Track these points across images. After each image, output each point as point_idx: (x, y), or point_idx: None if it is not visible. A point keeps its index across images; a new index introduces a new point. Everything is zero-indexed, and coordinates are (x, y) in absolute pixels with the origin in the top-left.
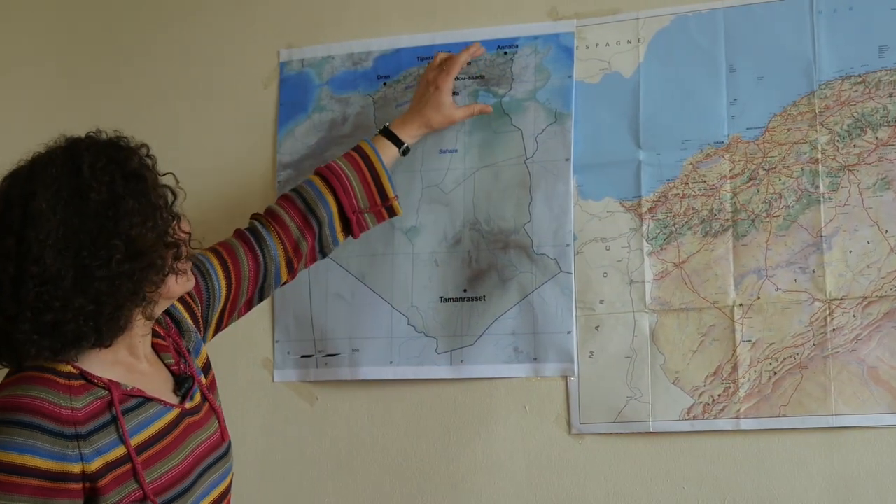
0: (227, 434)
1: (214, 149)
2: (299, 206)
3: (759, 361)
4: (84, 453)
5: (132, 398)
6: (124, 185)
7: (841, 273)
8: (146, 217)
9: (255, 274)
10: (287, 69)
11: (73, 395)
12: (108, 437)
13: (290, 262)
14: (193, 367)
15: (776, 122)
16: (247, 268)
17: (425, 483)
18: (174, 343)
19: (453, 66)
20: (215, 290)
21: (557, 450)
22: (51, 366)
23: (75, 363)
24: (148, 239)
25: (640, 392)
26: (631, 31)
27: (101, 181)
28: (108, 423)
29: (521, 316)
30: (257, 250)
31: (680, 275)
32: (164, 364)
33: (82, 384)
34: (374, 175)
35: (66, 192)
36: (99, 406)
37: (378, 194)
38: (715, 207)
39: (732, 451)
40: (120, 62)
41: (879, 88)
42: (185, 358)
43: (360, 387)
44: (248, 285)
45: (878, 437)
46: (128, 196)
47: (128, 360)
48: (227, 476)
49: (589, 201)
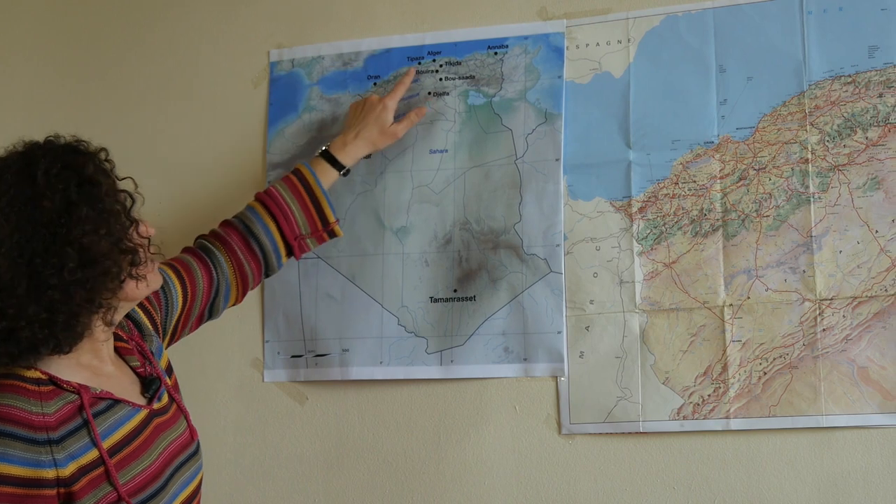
0: (196, 433)
1: (204, 148)
2: (243, 234)
3: (749, 361)
4: (57, 458)
5: (101, 401)
6: (78, 191)
7: (831, 273)
8: (99, 224)
9: (208, 287)
10: (277, 69)
11: (44, 400)
12: (80, 440)
13: (238, 284)
14: (158, 368)
15: (766, 123)
16: (201, 281)
17: (416, 483)
18: (137, 345)
19: (399, 87)
20: (172, 298)
21: (547, 450)
22: (20, 373)
23: (43, 369)
24: (102, 246)
25: (630, 392)
26: (621, 31)
27: (55, 188)
28: (79, 427)
29: (512, 316)
30: (210, 265)
31: (670, 275)
32: (129, 367)
33: (52, 389)
34: (313, 200)
35: (19, 200)
36: (70, 410)
37: (319, 219)
38: (705, 207)
39: (722, 451)
40: (110, 62)
41: (869, 88)
42: (149, 360)
43: (351, 387)
44: (202, 298)
45: (868, 437)
46: (82, 203)
47: (93, 363)
48: (197, 474)
49: (579, 201)
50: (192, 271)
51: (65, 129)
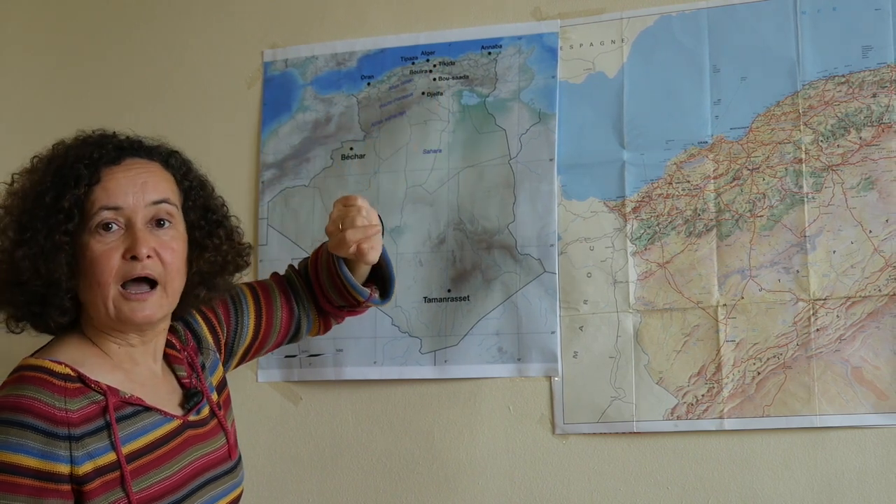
0: (236, 453)
1: (198, 148)
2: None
3: (743, 361)
4: (75, 455)
5: (129, 405)
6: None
7: (825, 273)
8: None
9: (286, 324)
10: (271, 69)
11: (69, 397)
12: (100, 442)
13: (318, 321)
14: (205, 382)
15: (760, 123)
16: (279, 318)
17: (410, 483)
18: (189, 357)
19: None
20: (243, 327)
21: (541, 450)
22: (49, 367)
23: (74, 366)
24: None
25: (624, 392)
26: (615, 32)
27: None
28: (101, 429)
29: (505, 316)
30: (293, 302)
31: (664, 275)
32: (175, 375)
33: (79, 387)
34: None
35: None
36: (94, 410)
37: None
38: (699, 207)
39: (716, 451)
40: (103, 62)
41: (863, 88)
42: (197, 373)
43: (345, 387)
44: (278, 333)
45: (861, 437)
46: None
47: (126, 366)
48: (231, 492)
49: (573, 201)
50: (272, 303)
51: (58, 128)
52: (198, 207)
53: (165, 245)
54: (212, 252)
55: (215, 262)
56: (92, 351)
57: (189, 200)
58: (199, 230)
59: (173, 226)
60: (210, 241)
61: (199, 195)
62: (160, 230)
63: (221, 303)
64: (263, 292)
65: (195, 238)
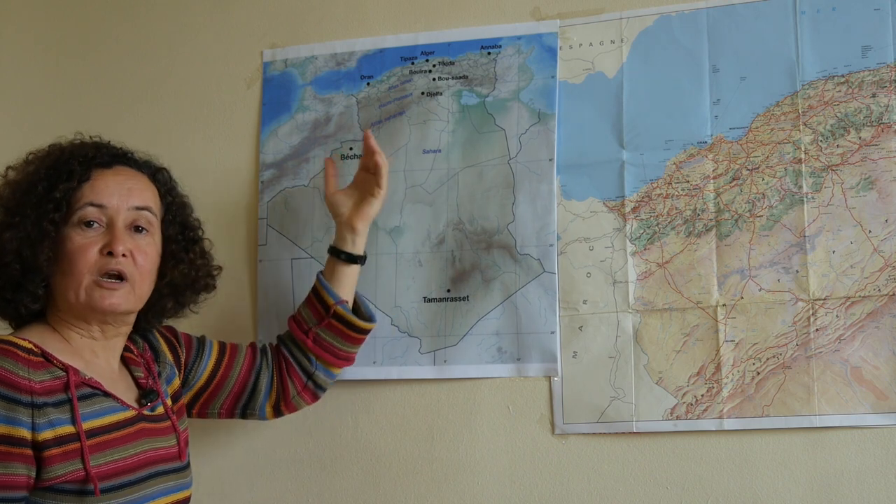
0: (186, 457)
1: (197, 149)
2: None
3: (743, 361)
4: (37, 422)
5: (88, 387)
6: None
7: (824, 273)
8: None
9: (247, 370)
10: (270, 69)
11: (32, 368)
12: (62, 414)
13: (276, 387)
14: (160, 385)
15: (759, 123)
16: (241, 360)
17: (409, 483)
18: (146, 363)
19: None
20: (201, 363)
21: (541, 450)
22: (14, 340)
23: (37, 343)
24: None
25: (623, 392)
26: (614, 32)
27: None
28: (62, 402)
29: (505, 316)
30: (258, 356)
31: (663, 275)
32: (132, 375)
33: (41, 361)
34: (313, 291)
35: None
36: (56, 385)
37: (321, 307)
38: (698, 207)
39: (716, 451)
40: (103, 62)
41: (862, 88)
42: (154, 377)
43: (344, 386)
44: (236, 377)
45: (861, 437)
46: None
47: (86, 355)
48: (180, 490)
49: (572, 201)
50: (237, 353)
51: (56, 128)
52: (177, 223)
53: (140, 249)
54: (186, 265)
55: (188, 275)
56: (55, 337)
57: (170, 214)
58: (176, 244)
59: (150, 234)
60: (185, 255)
61: (179, 212)
62: (138, 235)
63: (185, 336)
64: (231, 347)
65: (171, 250)
